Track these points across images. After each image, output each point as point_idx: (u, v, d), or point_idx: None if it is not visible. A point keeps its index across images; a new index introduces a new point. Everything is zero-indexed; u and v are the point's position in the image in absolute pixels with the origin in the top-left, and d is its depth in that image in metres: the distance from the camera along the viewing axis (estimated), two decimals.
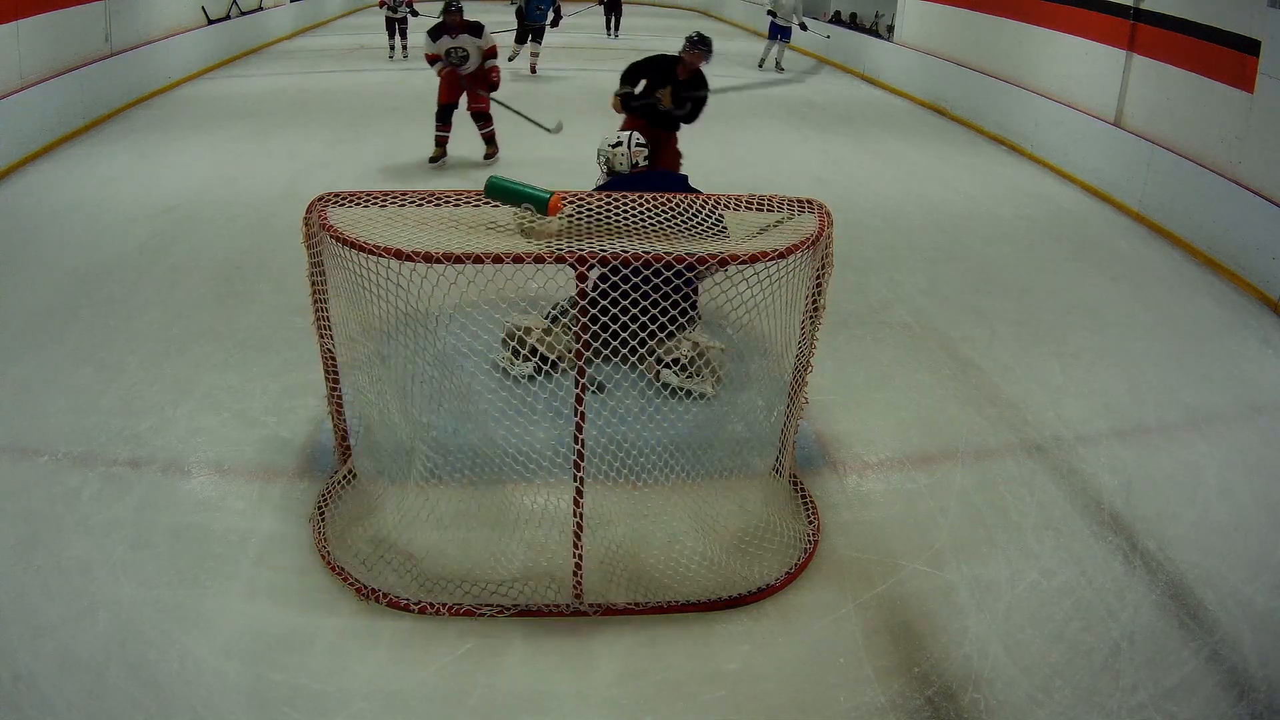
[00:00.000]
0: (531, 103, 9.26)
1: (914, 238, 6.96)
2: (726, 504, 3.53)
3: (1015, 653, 3.07)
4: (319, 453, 3.98)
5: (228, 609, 3.14)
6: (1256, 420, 4.57)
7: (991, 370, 4.96)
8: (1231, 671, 3.04)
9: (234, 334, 4.99)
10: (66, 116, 8.81)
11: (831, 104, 11.94)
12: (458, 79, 7.98)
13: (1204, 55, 7.28)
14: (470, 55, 7.89)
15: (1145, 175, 7.72)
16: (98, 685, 2.78)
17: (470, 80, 7.99)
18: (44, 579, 3.22)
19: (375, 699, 2.84)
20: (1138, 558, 3.55)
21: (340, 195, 3.26)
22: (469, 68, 7.96)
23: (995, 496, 3.89)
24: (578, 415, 3.04)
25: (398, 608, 3.16)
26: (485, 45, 7.97)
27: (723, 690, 2.91)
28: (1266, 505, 3.92)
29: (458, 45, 7.85)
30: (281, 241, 6.34)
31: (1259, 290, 6.20)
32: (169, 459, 3.92)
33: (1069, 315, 5.70)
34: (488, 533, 3.39)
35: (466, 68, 7.94)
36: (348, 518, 3.51)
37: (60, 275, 5.70)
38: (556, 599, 3.19)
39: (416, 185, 6.86)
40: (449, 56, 7.87)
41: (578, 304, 2.94)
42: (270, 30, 15.32)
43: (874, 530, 3.64)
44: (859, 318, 5.43)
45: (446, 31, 7.86)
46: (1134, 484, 4.01)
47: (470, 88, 8.04)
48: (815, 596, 3.30)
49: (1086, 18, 8.98)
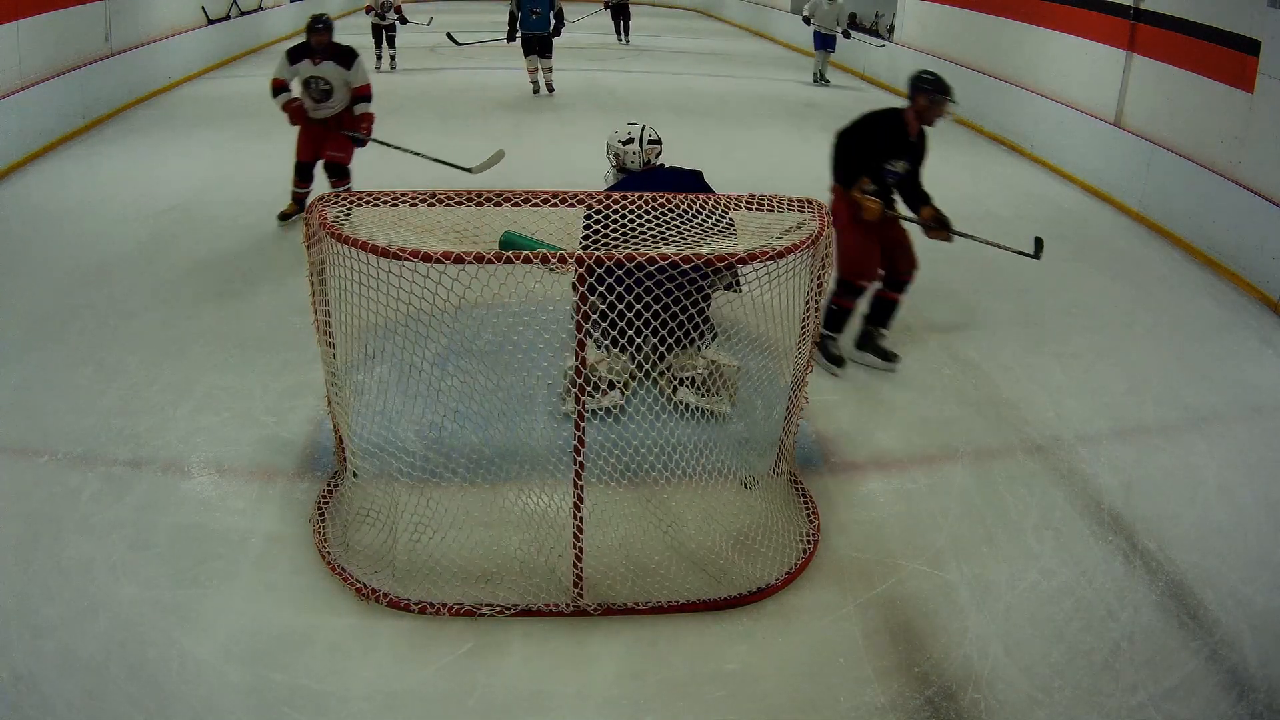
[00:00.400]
0: (533, 110, 9.22)
1: (914, 237, 6.93)
2: (726, 504, 3.53)
3: (1015, 653, 3.07)
4: (319, 453, 3.98)
5: (228, 609, 3.14)
6: (1256, 420, 4.57)
7: (991, 370, 4.96)
8: (1231, 671, 3.04)
9: (234, 334, 4.99)
10: (66, 116, 8.81)
11: (831, 104, 11.93)
12: (317, 126, 6.31)
13: (1204, 55, 7.28)
14: (334, 90, 6.20)
15: (1145, 175, 7.72)
16: (98, 685, 2.78)
17: (333, 123, 6.32)
18: (44, 579, 3.22)
19: (375, 699, 2.84)
20: (1138, 558, 3.55)
21: (340, 195, 3.26)
22: (330, 107, 6.24)
23: (995, 496, 3.89)
24: (577, 415, 3.04)
25: (398, 608, 3.15)
26: (356, 81, 6.24)
27: (723, 690, 2.91)
28: (1266, 505, 3.92)
29: (319, 75, 6.16)
30: (281, 241, 6.35)
31: (1259, 290, 6.20)
32: (169, 459, 3.92)
33: (1069, 315, 5.70)
34: (488, 533, 3.39)
35: (327, 107, 6.24)
36: (348, 518, 3.51)
37: (60, 275, 5.70)
38: (556, 599, 3.19)
39: (416, 185, 6.84)
40: (308, 88, 6.20)
41: (580, 309, 2.94)
42: (270, 30, 15.33)
43: (874, 530, 3.64)
44: (858, 317, 5.42)
45: (308, 54, 6.19)
46: (1134, 484, 4.01)
47: (331, 131, 6.32)
48: (815, 596, 3.30)
49: (1086, 18, 8.98)
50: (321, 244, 3.17)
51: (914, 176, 4.85)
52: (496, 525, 3.41)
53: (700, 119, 10.61)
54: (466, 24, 17.36)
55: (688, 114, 10.78)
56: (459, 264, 2.84)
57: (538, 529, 3.37)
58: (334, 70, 6.14)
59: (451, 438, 3.68)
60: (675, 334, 3.27)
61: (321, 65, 6.13)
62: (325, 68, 6.13)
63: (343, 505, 3.58)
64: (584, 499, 3.11)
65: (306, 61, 6.15)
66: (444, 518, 3.32)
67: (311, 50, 6.16)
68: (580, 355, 2.98)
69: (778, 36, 17.81)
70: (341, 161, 6.35)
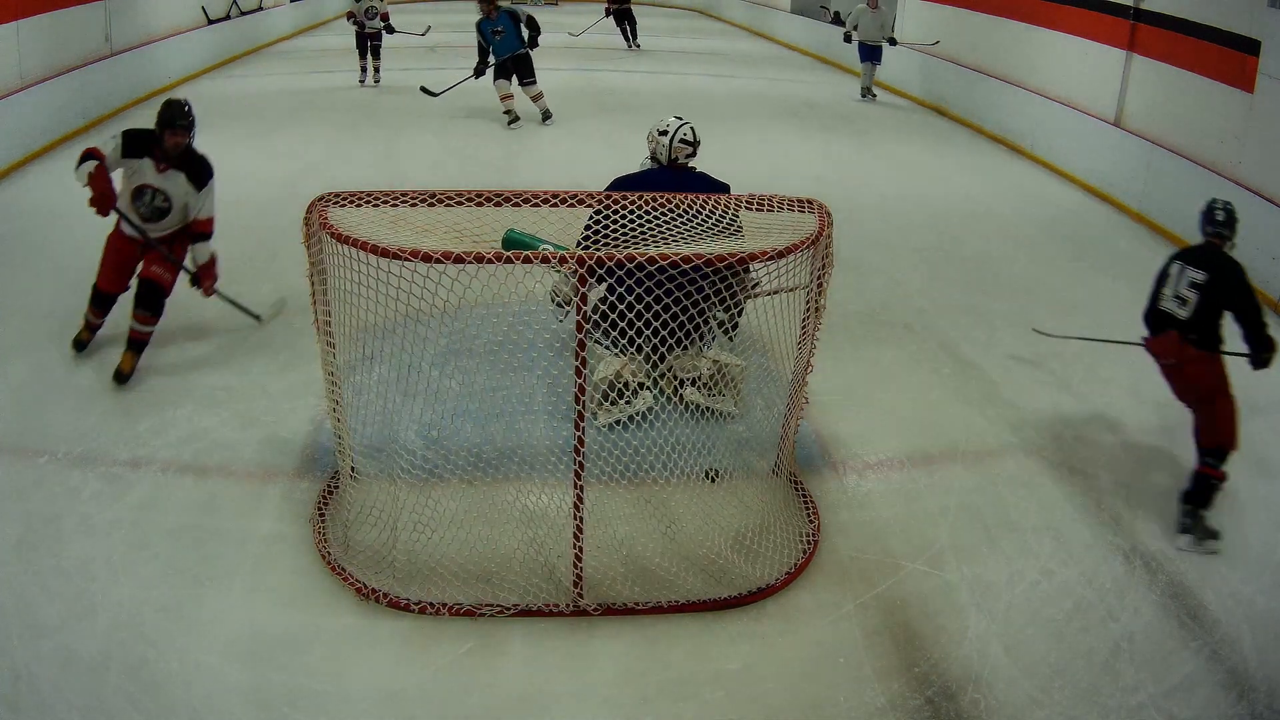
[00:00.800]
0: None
1: (914, 238, 6.96)
2: (727, 504, 3.53)
3: (1015, 653, 3.07)
4: (319, 453, 3.98)
5: (228, 609, 3.14)
6: (1256, 420, 4.56)
7: (991, 370, 4.96)
8: (1231, 671, 3.04)
9: (234, 334, 4.99)
10: (66, 116, 8.81)
11: (831, 104, 11.93)
12: (134, 249, 4.56)
13: (1204, 55, 7.28)
14: (173, 207, 4.46)
15: (1145, 175, 7.71)
16: (98, 685, 2.78)
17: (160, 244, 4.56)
18: (44, 579, 3.22)
19: (375, 699, 2.84)
20: (1138, 558, 3.55)
21: (340, 195, 3.26)
22: (159, 229, 4.51)
23: (995, 496, 3.89)
24: (577, 415, 3.04)
25: (398, 608, 3.15)
26: (202, 211, 4.53)
27: (723, 690, 2.91)
28: (1267, 505, 3.93)
29: (160, 187, 4.42)
30: (281, 241, 6.34)
31: (1259, 290, 6.19)
32: (169, 459, 3.92)
33: (1069, 315, 5.70)
34: (488, 532, 3.39)
35: (156, 227, 4.50)
36: (348, 517, 3.51)
37: (60, 275, 5.69)
38: (556, 599, 3.19)
39: (417, 185, 6.85)
40: (138, 200, 4.44)
41: (580, 309, 2.94)
42: (270, 30, 15.32)
43: (874, 530, 3.64)
44: (859, 318, 5.42)
45: (151, 154, 4.41)
46: (1134, 484, 4.01)
47: (153, 252, 4.56)
48: (815, 596, 3.30)
49: (1086, 18, 8.98)
50: (321, 244, 3.17)
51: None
52: (496, 525, 3.41)
53: (700, 119, 10.52)
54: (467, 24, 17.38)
55: (688, 114, 10.70)
56: (459, 264, 2.84)
57: (537, 528, 3.37)
58: (181, 186, 4.44)
59: (451, 437, 3.68)
60: (676, 334, 3.28)
61: (167, 175, 4.41)
62: (171, 179, 4.42)
63: (343, 505, 3.58)
64: (584, 499, 3.11)
65: (148, 162, 4.39)
66: (444, 517, 3.32)
67: (159, 150, 4.39)
68: (581, 358, 2.98)
69: (778, 36, 17.80)
70: (162, 284, 4.52)
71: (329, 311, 3.30)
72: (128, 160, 4.40)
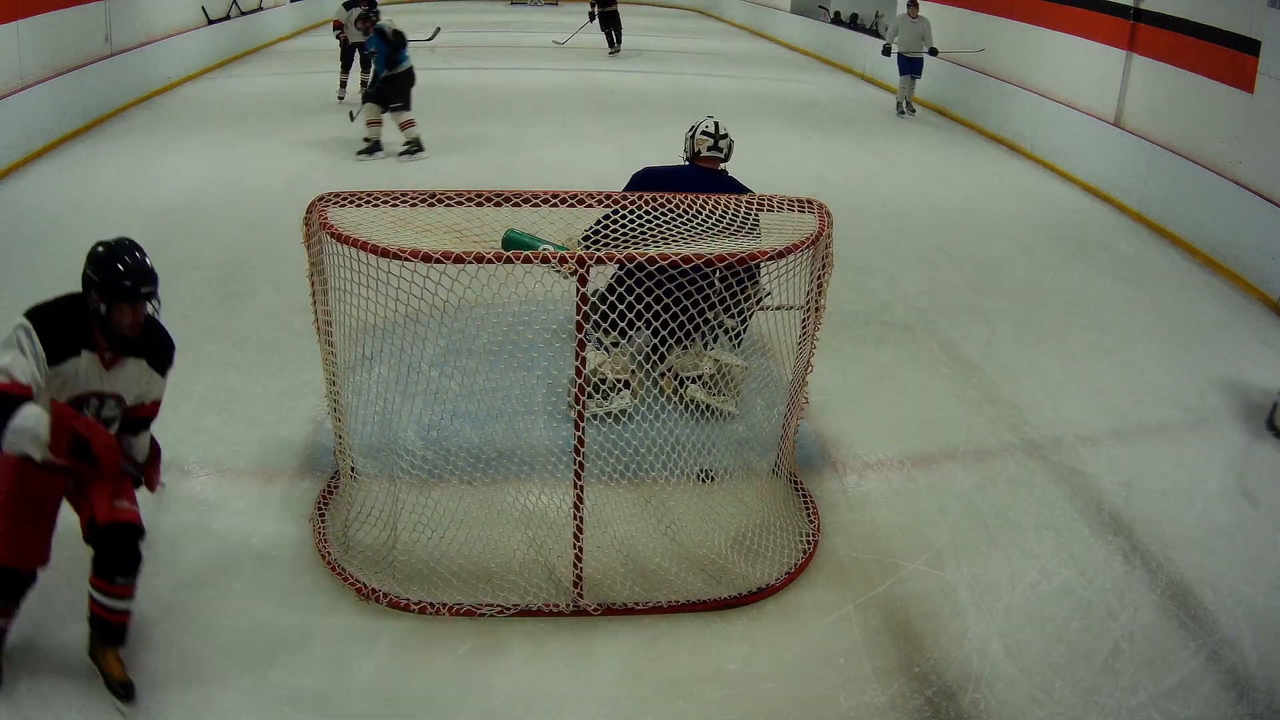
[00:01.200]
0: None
1: (914, 238, 6.96)
2: (727, 504, 3.53)
3: (1015, 653, 3.07)
4: (319, 453, 3.98)
5: (228, 609, 3.13)
6: (1257, 420, 4.57)
7: (991, 370, 4.96)
8: (1231, 671, 3.04)
9: (234, 334, 4.99)
10: (66, 117, 8.82)
11: (831, 104, 11.94)
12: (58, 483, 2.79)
13: (1204, 55, 7.28)
14: (122, 413, 2.89)
15: (1145, 175, 7.72)
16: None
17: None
18: (44, 578, 3.21)
19: (375, 699, 2.84)
20: (1138, 558, 3.55)
21: (340, 195, 3.26)
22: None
23: (995, 496, 3.89)
24: (577, 415, 3.04)
25: (398, 608, 3.15)
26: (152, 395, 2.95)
27: (723, 690, 2.91)
28: (1267, 505, 3.92)
29: (110, 390, 2.82)
30: (281, 241, 6.33)
31: (1259, 290, 6.20)
32: (169, 459, 3.88)
33: (1069, 315, 5.70)
34: (487, 533, 3.39)
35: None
36: (348, 518, 3.51)
37: (60, 275, 5.67)
38: (556, 599, 3.19)
39: (416, 185, 6.85)
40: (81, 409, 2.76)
41: (579, 309, 2.94)
42: (270, 30, 15.32)
43: (874, 530, 3.64)
44: (859, 318, 5.43)
45: (87, 343, 2.80)
46: (1134, 484, 4.01)
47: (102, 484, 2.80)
48: (815, 596, 3.30)
49: (1086, 18, 8.98)
50: (321, 244, 3.17)
51: None
52: (496, 525, 3.41)
53: (700, 119, 10.59)
54: (467, 24, 17.41)
55: (688, 114, 10.73)
56: (459, 264, 2.84)
57: (537, 529, 3.37)
58: (137, 377, 2.89)
59: (451, 438, 3.68)
60: (675, 334, 3.28)
61: (118, 369, 2.83)
62: (123, 374, 2.85)
63: (343, 505, 3.58)
64: (584, 499, 3.11)
65: (87, 358, 2.79)
66: (444, 517, 3.32)
67: (104, 336, 2.81)
68: (581, 357, 2.98)
69: (778, 36, 17.81)
70: (131, 522, 2.85)
71: (329, 312, 3.30)
72: (58, 367, 2.73)
